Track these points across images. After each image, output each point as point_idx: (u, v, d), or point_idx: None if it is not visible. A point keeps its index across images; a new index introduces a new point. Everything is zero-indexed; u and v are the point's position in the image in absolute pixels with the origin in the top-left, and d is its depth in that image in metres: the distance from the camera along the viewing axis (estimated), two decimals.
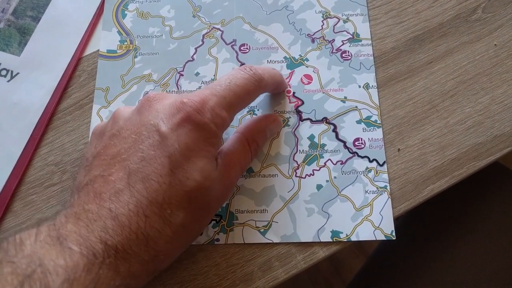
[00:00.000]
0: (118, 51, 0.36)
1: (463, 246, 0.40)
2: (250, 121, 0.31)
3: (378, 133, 0.33)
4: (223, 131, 0.26)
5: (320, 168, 0.32)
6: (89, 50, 0.36)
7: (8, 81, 0.34)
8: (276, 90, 0.33)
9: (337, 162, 0.32)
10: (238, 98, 0.26)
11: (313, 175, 0.32)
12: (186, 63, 0.35)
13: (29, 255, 0.20)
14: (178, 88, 0.34)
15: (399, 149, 0.32)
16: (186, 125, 0.24)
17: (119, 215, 0.21)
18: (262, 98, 0.34)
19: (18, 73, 0.34)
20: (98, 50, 0.36)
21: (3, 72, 0.34)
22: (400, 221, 0.29)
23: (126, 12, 0.37)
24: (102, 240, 0.21)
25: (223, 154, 0.27)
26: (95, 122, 0.34)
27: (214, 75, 0.35)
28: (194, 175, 0.23)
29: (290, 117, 0.33)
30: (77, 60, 0.35)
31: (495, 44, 0.35)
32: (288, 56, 0.35)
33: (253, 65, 0.29)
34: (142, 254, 0.22)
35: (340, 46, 0.35)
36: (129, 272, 0.21)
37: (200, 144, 0.24)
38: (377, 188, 0.31)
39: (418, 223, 0.44)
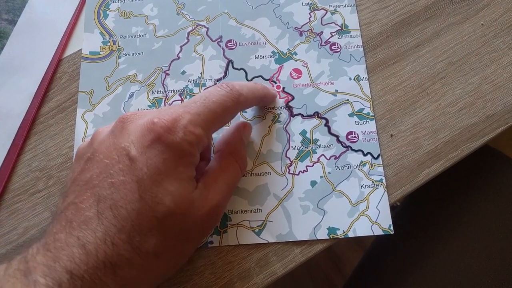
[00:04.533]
0: (101, 53, 0.35)
1: (462, 233, 0.39)
2: (226, 136, 0.30)
3: (371, 126, 0.32)
4: (199, 149, 0.25)
5: (314, 164, 0.31)
6: (69, 51, 0.35)
7: None
8: (262, 103, 0.32)
9: (330, 157, 0.31)
10: (214, 115, 0.25)
11: (306, 171, 0.31)
12: (171, 62, 0.34)
13: None
14: (164, 88, 0.33)
15: (391, 135, 0.32)
16: (156, 146, 0.23)
17: (86, 244, 0.21)
18: None
19: None
20: (79, 51, 0.35)
21: None
22: (396, 212, 0.29)
23: (107, 12, 0.36)
24: (68, 270, 0.20)
25: (206, 174, 0.26)
26: (80, 126, 0.33)
27: (201, 73, 0.34)
28: (164, 200, 0.22)
29: (280, 113, 0.33)
30: (57, 62, 0.34)
31: (482, 24, 0.34)
32: (276, 51, 0.34)
33: (232, 81, 0.27)
34: (110, 283, 0.21)
35: (329, 38, 0.35)
36: None
37: (171, 166, 0.23)
38: (372, 182, 0.30)
39: (413, 213, 0.44)
